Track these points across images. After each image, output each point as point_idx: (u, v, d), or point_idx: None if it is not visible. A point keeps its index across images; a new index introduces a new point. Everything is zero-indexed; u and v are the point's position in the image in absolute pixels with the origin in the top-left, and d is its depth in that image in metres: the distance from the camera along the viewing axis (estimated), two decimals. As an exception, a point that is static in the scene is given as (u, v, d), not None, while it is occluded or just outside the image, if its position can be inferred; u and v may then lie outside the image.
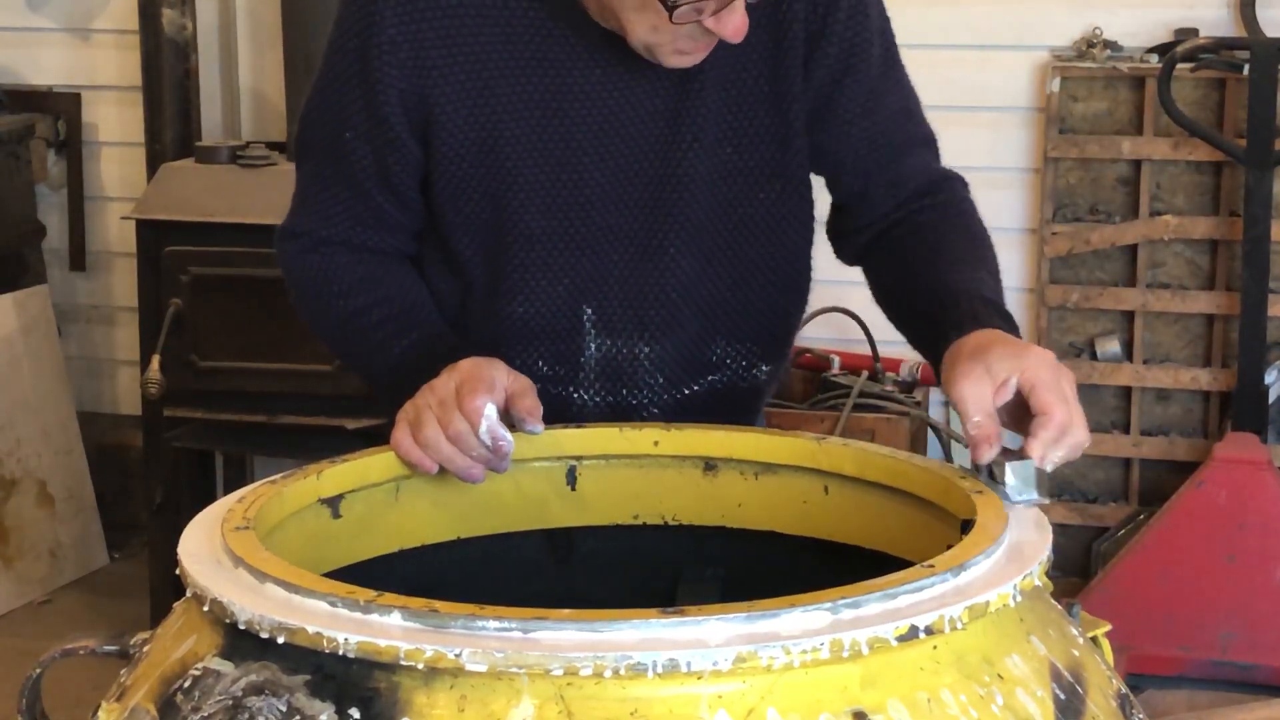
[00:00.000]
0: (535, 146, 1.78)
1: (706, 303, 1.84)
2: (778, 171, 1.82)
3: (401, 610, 1.15)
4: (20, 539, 4.31)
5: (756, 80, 1.80)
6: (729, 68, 1.78)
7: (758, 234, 1.84)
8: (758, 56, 1.79)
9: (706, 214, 1.81)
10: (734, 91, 1.79)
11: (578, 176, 1.78)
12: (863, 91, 1.83)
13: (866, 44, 1.83)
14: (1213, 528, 3.63)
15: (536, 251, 1.80)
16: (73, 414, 4.49)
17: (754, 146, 1.81)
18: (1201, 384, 3.94)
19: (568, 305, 1.81)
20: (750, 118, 1.81)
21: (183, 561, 1.29)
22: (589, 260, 1.81)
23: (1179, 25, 3.89)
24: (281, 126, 4.08)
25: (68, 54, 4.53)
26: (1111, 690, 1.31)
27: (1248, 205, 3.75)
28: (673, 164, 1.79)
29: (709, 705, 1.10)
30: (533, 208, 1.79)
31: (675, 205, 1.80)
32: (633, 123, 1.78)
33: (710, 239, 1.82)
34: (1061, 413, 1.48)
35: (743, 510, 1.67)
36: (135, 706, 1.23)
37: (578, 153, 1.78)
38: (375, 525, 1.59)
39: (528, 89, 1.77)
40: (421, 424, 1.61)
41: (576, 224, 1.80)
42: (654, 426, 1.68)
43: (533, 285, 1.81)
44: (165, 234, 3.77)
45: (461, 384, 1.61)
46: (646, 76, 1.77)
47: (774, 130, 1.81)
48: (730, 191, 1.82)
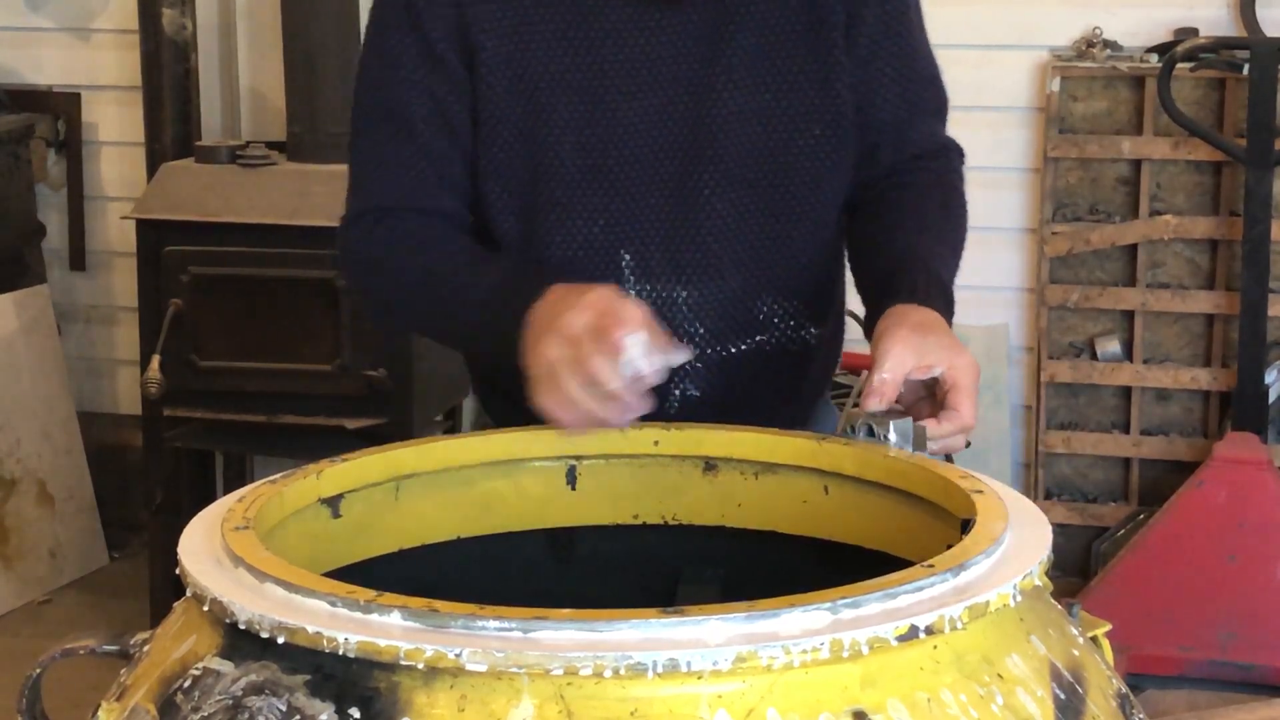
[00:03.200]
0: (570, 85, 1.78)
1: (745, 251, 1.82)
2: (819, 115, 1.82)
3: (401, 610, 1.15)
4: (20, 539, 4.31)
5: (795, 24, 1.80)
6: (766, 11, 1.79)
7: (798, 180, 1.83)
8: (798, 7, 1.80)
9: (743, 158, 1.81)
10: (772, 35, 1.80)
11: (610, 114, 1.78)
12: (899, 51, 1.86)
13: (905, 5, 1.87)
14: (1213, 528, 3.63)
15: (571, 191, 1.79)
16: (73, 414, 4.49)
17: (794, 89, 1.81)
18: (1201, 384, 3.94)
19: (605, 248, 1.80)
20: (790, 60, 1.81)
21: (183, 561, 1.29)
22: (624, 201, 1.80)
23: (1179, 25, 3.90)
24: (281, 126, 4.08)
25: (68, 54, 4.53)
26: (1111, 690, 1.31)
27: (1248, 205, 3.75)
28: (708, 105, 1.79)
29: (709, 705, 1.10)
30: (566, 144, 1.78)
31: (710, 147, 1.80)
32: (666, 62, 1.78)
33: (748, 184, 1.81)
34: (968, 417, 1.60)
35: (743, 510, 1.67)
36: (135, 706, 1.23)
37: (612, 91, 1.78)
38: (375, 525, 1.59)
39: (564, 27, 1.78)
40: (558, 379, 1.53)
41: (611, 163, 1.79)
42: (654, 426, 1.68)
43: (568, 226, 1.80)
44: (165, 234, 3.77)
45: (602, 315, 1.53)
46: (681, 15, 1.78)
47: (815, 73, 1.81)
48: (769, 135, 1.81)
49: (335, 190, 3.80)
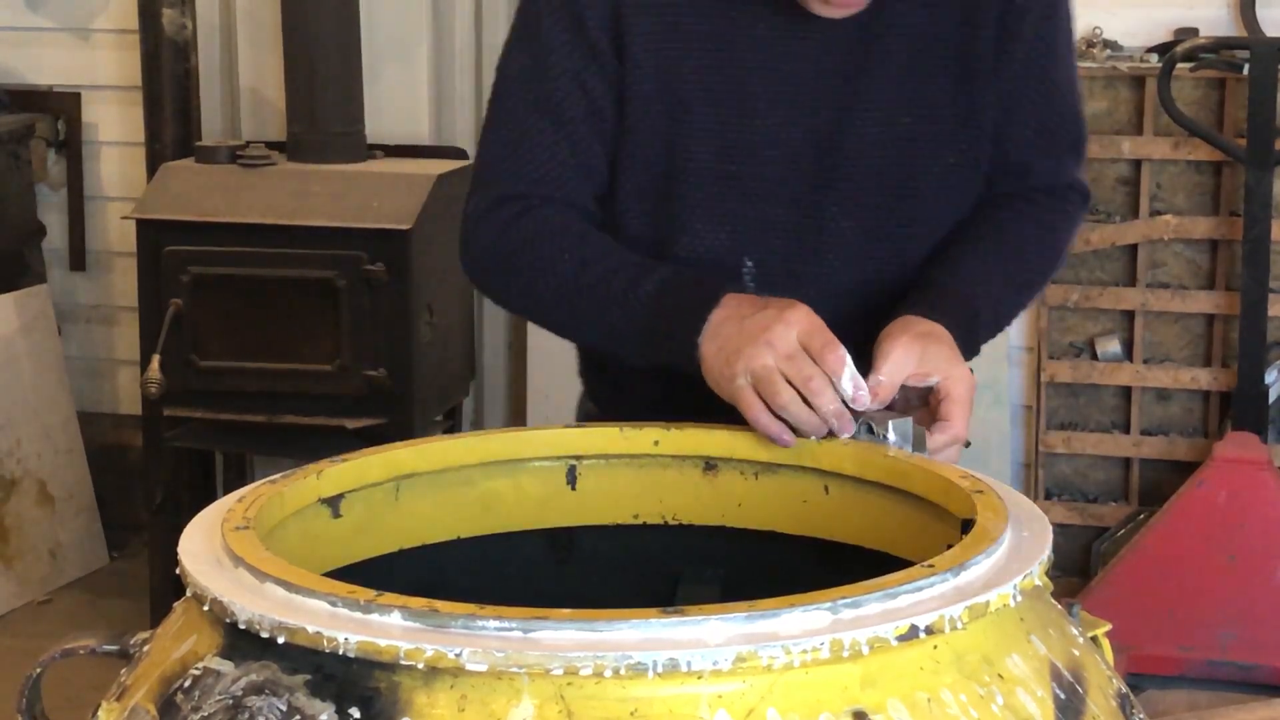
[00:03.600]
0: (712, 89, 1.78)
1: (863, 270, 1.82)
2: (954, 143, 1.82)
3: (401, 610, 1.15)
4: (20, 539, 4.31)
5: (943, 54, 1.80)
6: (915, 37, 1.79)
7: (924, 206, 1.82)
8: (946, 31, 1.79)
9: (874, 180, 1.80)
10: (918, 61, 1.79)
11: (749, 123, 1.78)
12: (1042, 90, 1.85)
13: (1054, 40, 1.85)
14: (1213, 528, 3.63)
15: (703, 192, 1.79)
16: (73, 414, 4.50)
17: (934, 116, 1.81)
18: (1201, 384, 3.94)
19: (729, 254, 1.80)
20: (932, 87, 1.80)
21: (183, 561, 1.29)
22: (753, 209, 1.80)
23: (1179, 25, 3.90)
24: (281, 126, 4.08)
25: (68, 54, 4.53)
26: (1112, 690, 1.31)
27: (1248, 205, 3.75)
28: (845, 124, 1.79)
29: (709, 705, 1.10)
30: (702, 150, 1.78)
31: (842, 166, 1.80)
32: (809, 76, 1.78)
33: (874, 206, 1.81)
34: (960, 429, 1.62)
35: (743, 510, 1.67)
36: (135, 706, 1.23)
37: (752, 100, 1.78)
38: (375, 525, 1.59)
39: (710, 31, 1.77)
40: (772, 387, 1.58)
41: (744, 170, 1.79)
42: (654, 426, 1.68)
43: (697, 228, 1.80)
44: (165, 234, 3.77)
45: (808, 334, 1.59)
46: (827, 32, 1.77)
47: (957, 103, 1.81)
48: (902, 160, 1.81)
49: (335, 190, 3.83)
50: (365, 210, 3.70)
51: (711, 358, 1.64)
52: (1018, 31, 1.82)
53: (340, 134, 3.91)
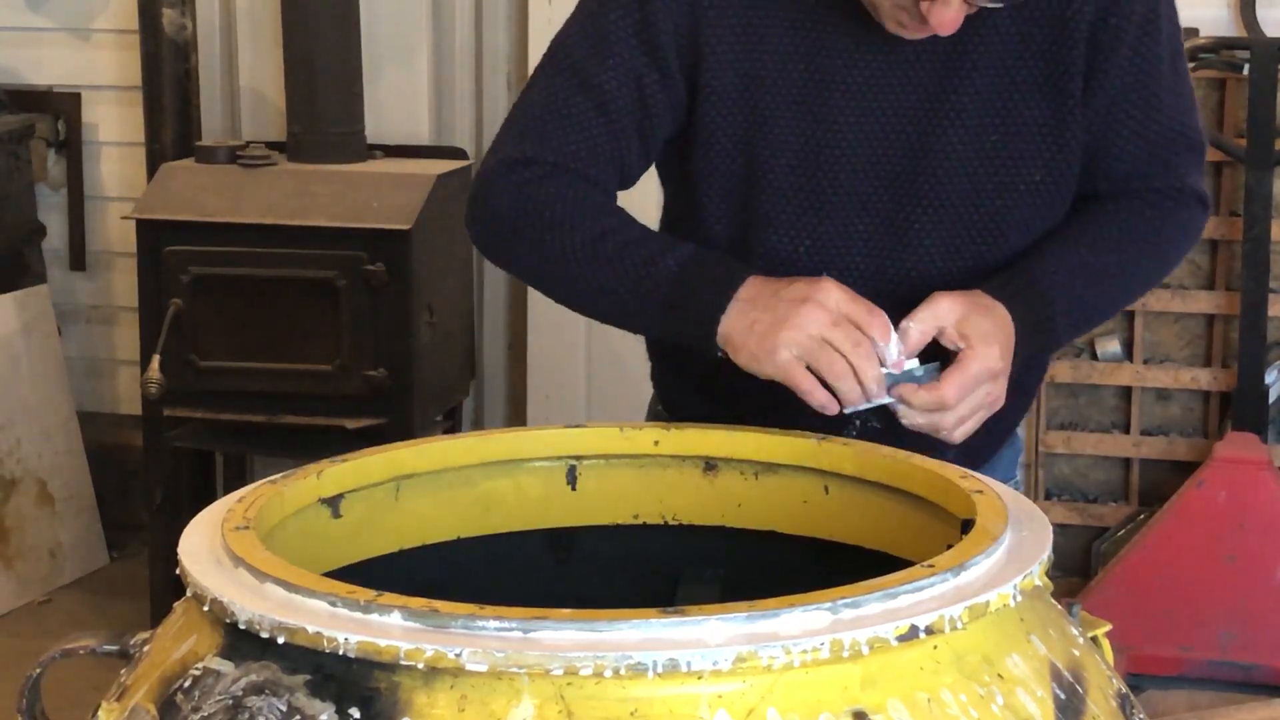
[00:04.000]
0: (794, 99, 1.76)
1: (948, 288, 1.78)
2: (1043, 161, 1.79)
3: (401, 610, 1.15)
4: (20, 539, 4.32)
5: (1032, 68, 1.77)
6: (1003, 53, 1.77)
7: (1011, 223, 1.80)
8: (1036, 48, 1.77)
9: (960, 197, 1.79)
10: (1006, 76, 1.77)
11: (832, 136, 1.77)
12: (1144, 105, 1.82)
13: (1157, 59, 1.81)
14: (1213, 528, 3.63)
15: (782, 207, 1.78)
16: (73, 414, 4.50)
17: (1022, 134, 1.78)
18: (1201, 384, 3.94)
19: (809, 268, 1.77)
20: (1022, 104, 1.78)
21: (183, 561, 1.29)
22: (833, 224, 1.79)
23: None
24: (281, 126, 4.08)
25: (68, 54, 4.53)
26: (1112, 690, 1.31)
27: (1248, 205, 3.75)
28: (930, 139, 1.77)
29: (709, 705, 1.10)
30: (783, 161, 1.77)
31: (927, 182, 1.78)
32: (893, 90, 1.77)
33: (960, 223, 1.79)
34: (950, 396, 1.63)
35: (743, 510, 1.67)
36: (135, 706, 1.23)
37: (834, 111, 1.76)
38: (375, 525, 1.59)
39: (794, 41, 1.76)
40: (824, 357, 1.59)
41: (824, 184, 1.78)
42: (654, 426, 1.68)
43: (774, 242, 1.79)
44: (165, 234, 3.77)
45: (848, 302, 1.61)
46: (914, 47, 1.75)
47: (1047, 120, 1.79)
48: (989, 178, 1.79)
49: (335, 190, 3.83)
50: (365, 210, 3.70)
51: (742, 335, 1.64)
52: (1114, 50, 1.79)
53: (340, 134, 3.91)
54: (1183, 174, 1.88)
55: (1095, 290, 1.82)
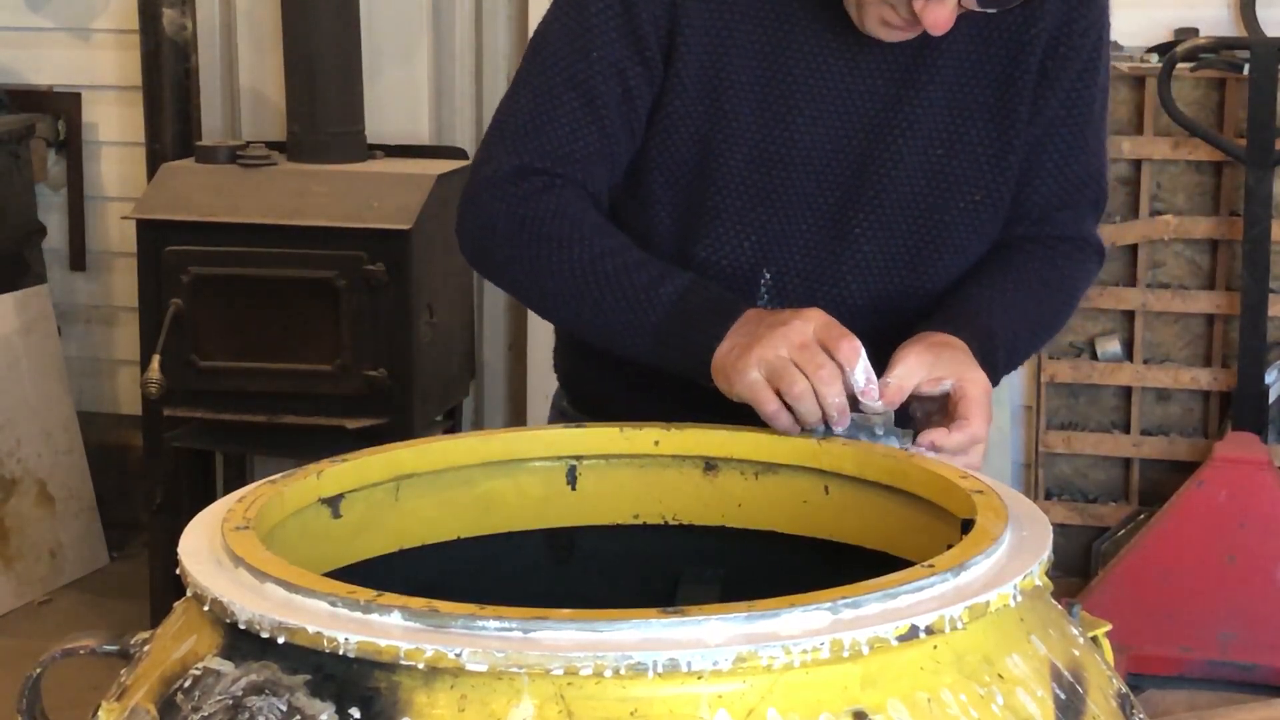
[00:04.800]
0: (755, 96, 1.77)
1: (880, 296, 1.83)
2: (983, 182, 1.82)
3: (401, 610, 1.15)
4: (20, 539, 4.32)
5: (985, 92, 1.80)
6: (959, 71, 1.79)
7: (946, 240, 1.83)
8: (991, 69, 1.80)
9: (901, 207, 1.81)
10: (959, 95, 1.80)
11: (787, 135, 1.78)
12: (1071, 141, 1.86)
13: (1090, 99, 1.86)
14: (1213, 528, 3.63)
15: (731, 200, 1.79)
16: (73, 414, 4.50)
17: (968, 152, 1.81)
18: (1201, 384, 3.94)
19: (749, 263, 1.80)
20: (971, 123, 1.81)
21: (183, 561, 1.29)
22: (778, 222, 1.80)
23: (1179, 25, 3.90)
24: (281, 126, 4.08)
25: (68, 54, 4.53)
26: (1112, 690, 1.31)
27: (1248, 205, 3.75)
28: (880, 148, 1.79)
29: (709, 705, 1.10)
30: (737, 155, 1.78)
31: (873, 189, 1.80)
32: (852, 96, 1.78)
33: (898, 233, 1.81)
34: (979, 427, 1.62)
35: (743, 510, 1.67)
36: (135, 706, 1.23)
37: (793, 112, 1.78)
38: (375, 525, 1.59)
39: (762, 38, 1.77)
40: (787, 376, 1.58)
41: (775, 183, 1.79)
42: (654, 426, 1.68)
43: (719, 233, 1.80)
44: (165, 234, 3.78)
45: (824, 327, 1.60)
46: (877, 56, 1.77)
47: (993, 142, 1.82)
48: (931, 191, 1.81)
49: (335, 190, 3.83)
50: (365, 210, 3.70)
51: (723, 356, 1.64)
52: (1058, 79, 1.83)
53: (340, 134, 3.91)
54: (1088, 224, 1.93)
55: (1025, 332, 1.86)
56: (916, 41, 1.76)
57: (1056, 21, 1.82)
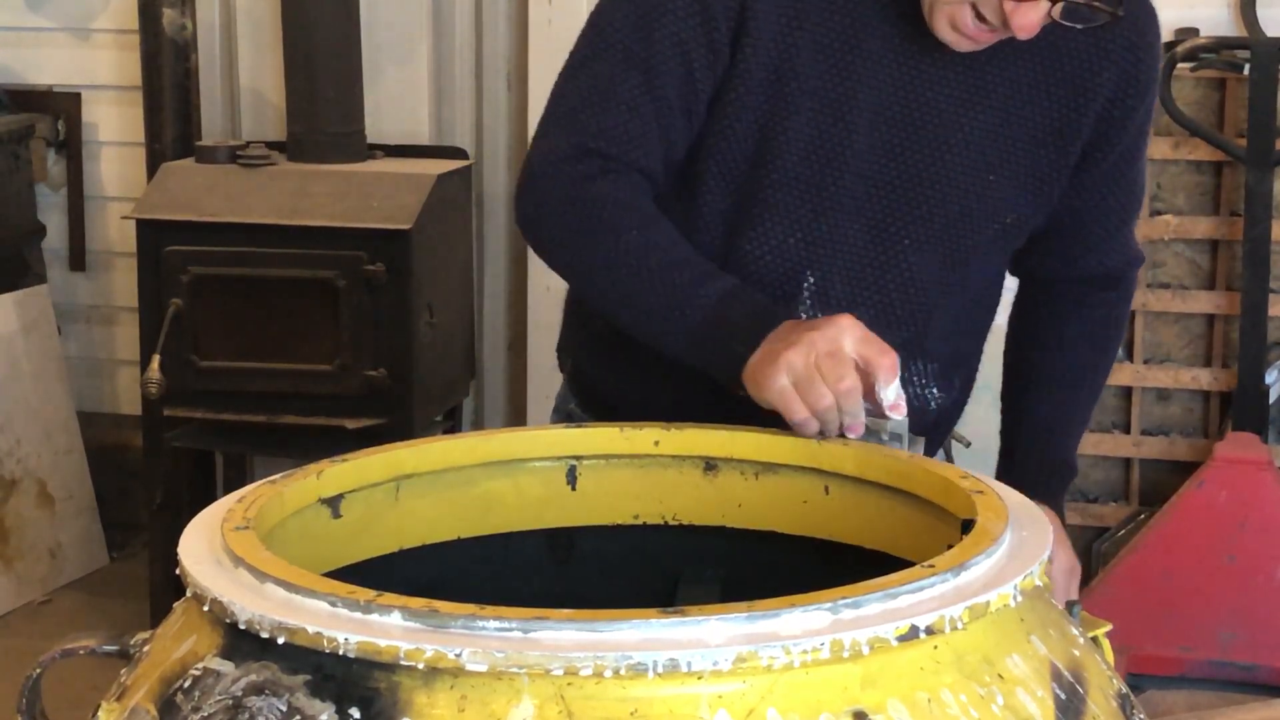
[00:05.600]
0: (816, 90, 1.76)
1: (915, 309, 1.83)
2: (1018, 206, 1.85)
3: (401, 610, 1.15)
4: (20, 539, 4.31)
5: (1040, 123, 1.82)
6: (1019, 98, 1.80)
7: (975, 259, 1.86)
8: (1050, 102, 1.81)
9: (945, 224, 1.81)
10: (1012, 122, 1.81)
11: (843, 134, 1.77)
12: (1126, 183, 1.93)
13: (1145, 138, 1.92)
14: (1213, 528, 3.63)
15: (781, 195, 1.78)
16: (73, 414, 4.49)
17: (1014, 177, 1.83)
18: (1202, 384, 3.94)
19: (792, 262, 1.79)
20: (1017, 152, 1.82)
21: (183, 561, 1.29)
22: (826, 225, 1.79)
23: (1179, 25, 3.89)
24: (281, 126, 4.08)
25: (68, 54, 4.53)
26: (1112, 690, 1.31)
27: (1248, 205, 3.75)
28: (933, 162, 1.79)
29: (709, 705, 1.10)
30: (793, 150, 1.77)
31: (922, 205, 1.80)
32: (912, 106, 1.78)
33: (938, 247, 1.82)
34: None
35: (743, 510, 1.67)
36: (135, 706, 1.23)
37: (851, 111, 1.76)
38: (375, 525, 1.59)
39: (830, 36, 1.76)
40: (813, 391, 1.57)
41: (828, 182, 1.78)
42: (654, 426, 1.68)
43: (766, 229, 1.79)
44: (165, 234, 3.77)
45: (863, 341, 1.58)
46: (937, 67, 1.77)
47: (1035, 173, 1.84)
48: (972, 212, 1.82)
49: (335, 190, 3.83)
50: (365, 210, 3.70)
51: (755, 364, 1.62)
52: (1124, 128, 1.86)
53: (340, 134, 3.90)
54: (1134, 242, 2.01)
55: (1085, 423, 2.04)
56: (977, 62, 1.76)
57: (1122, 73, 1.83)
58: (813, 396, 1.57)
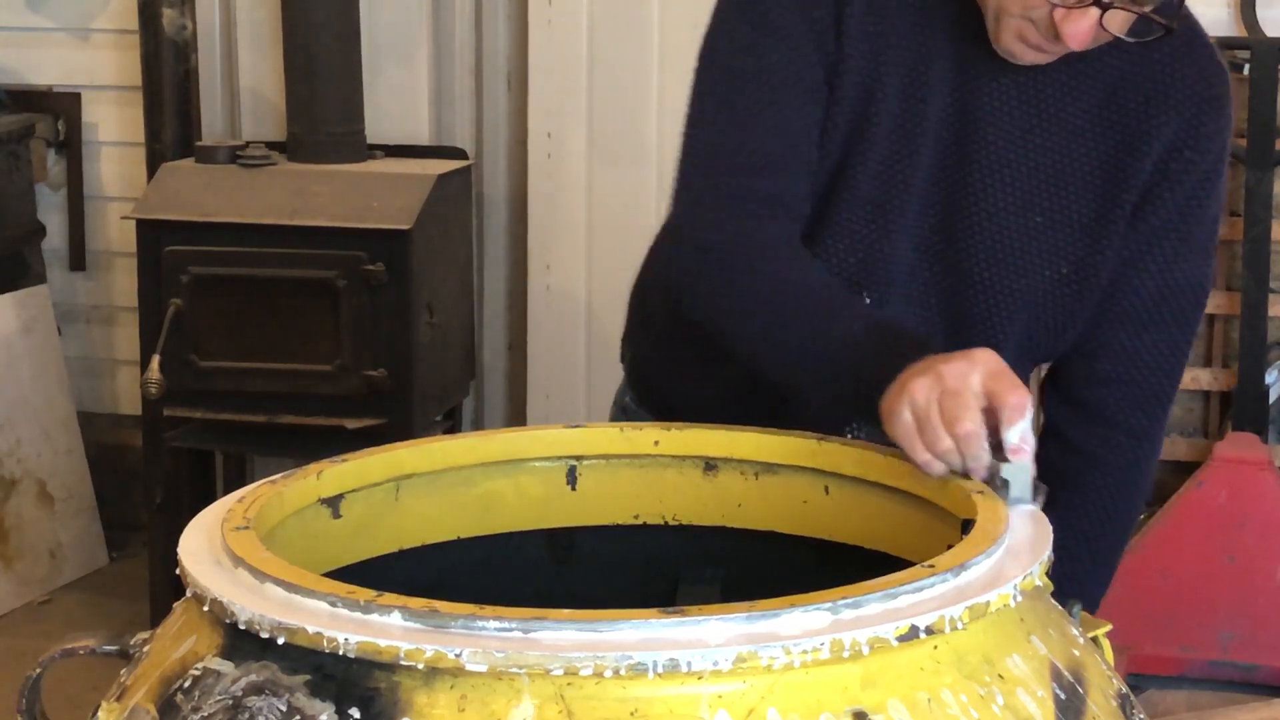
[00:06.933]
0: (894, 113, 1.74)
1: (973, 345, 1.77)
2: (1073, 258, 1.78)
3: (401, 610, 1.15)
4: (20, 539, 4.31)
5: (1094, 171, 1.77)
6: (1072, 142, 1.76)
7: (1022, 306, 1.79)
8: (1106, 147, 1.76)
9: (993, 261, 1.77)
10: (1068, 167, 1.76)
11: (911, 156, 1.74)
12: (1181, 246, 1.81)
13: (1207, 205, 1.81)
14: (1213, 528, 3.63)
15: (849, 212, 1.75)
16: (73, 414, 4.49)
17: (1064, 225, 1.77)
18: (1201, 384, 3.94)
19: (851, 282, 1.76)
20: (1072, 199, 1.77)
21: (183, 561, 1.29)
22: (889, 244, 1.76)
23: (1179, 25, 3.89)
24: (281, 126, 4.08)
25: (68, 54, 4.53)
26: (1112, 690, 1.31)
27: (1248, 205, 3.75)
28: (983, 197, 1.76)
29: (709, 705, 1.10)
30: (867, 169, 1.74)
31: (970, 234, 1.76)
32: (965, 133, 1.75)
33: (993, 289, 1.78)
34: None
35: (743, 510, 1.67)
36: (135, 706, 1.23)
37: (919, 133, 1.74)
38: (375, 525, 1.59)
39: (906, 53, 1.74)
40: (930, 432, 1.48)
41: (892, 203, 1.75)
42: (654, 426, 1.68)
43: (831, 246, 1.76)
44: (165, 234, 3.77)
45: (994, 376, 1.48)
46: (996, 98, 1.74)
47: (1090, 223, 1.78)
48: (1025, 254, 1.77)
49: (335, 190, 3.83)
50: (365, 210, 3.70)
51: (888, 395, 1.54)
52: (1179, 182, 1.78)
53: (340, 134, 3.90)
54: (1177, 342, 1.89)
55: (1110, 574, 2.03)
56: (1035, 99, 1.73)
57: (1184, 121, 1.77)
58: (930, 437, 1.49)
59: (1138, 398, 1.90)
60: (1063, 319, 1.82)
